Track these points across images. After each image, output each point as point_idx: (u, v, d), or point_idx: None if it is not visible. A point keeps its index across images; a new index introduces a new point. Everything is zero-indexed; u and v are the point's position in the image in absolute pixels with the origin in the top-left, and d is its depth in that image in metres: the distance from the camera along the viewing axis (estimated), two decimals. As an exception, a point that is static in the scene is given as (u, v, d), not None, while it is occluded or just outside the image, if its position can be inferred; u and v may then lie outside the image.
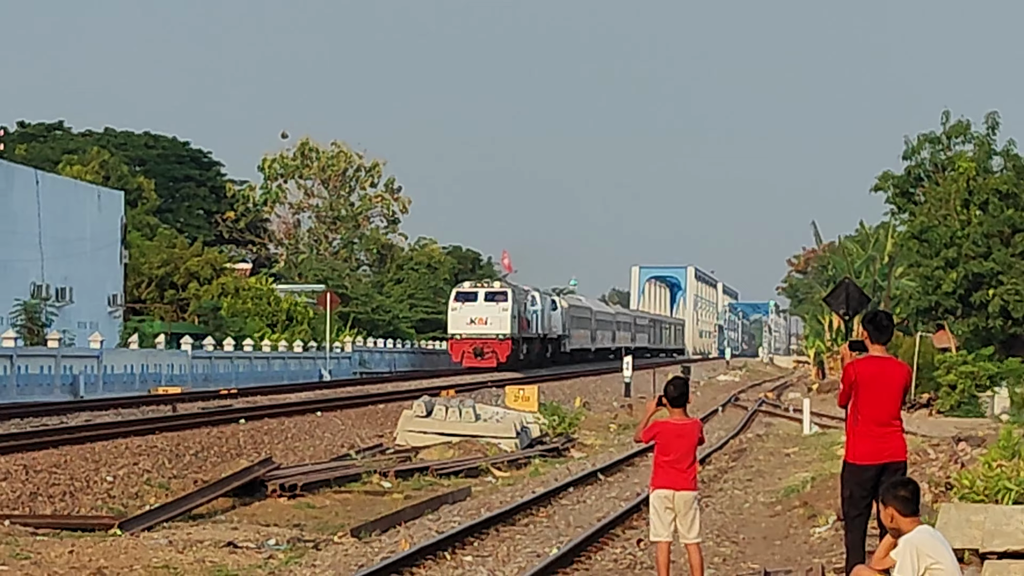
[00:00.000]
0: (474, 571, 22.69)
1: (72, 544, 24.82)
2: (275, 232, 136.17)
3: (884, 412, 17.53)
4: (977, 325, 76.14)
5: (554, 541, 25.23)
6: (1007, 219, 76.56)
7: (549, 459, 42.07)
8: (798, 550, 24.71)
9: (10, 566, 22.39)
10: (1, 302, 77.52)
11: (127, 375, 72.64)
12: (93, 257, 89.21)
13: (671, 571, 19.78)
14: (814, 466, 36.50)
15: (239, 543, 25.38)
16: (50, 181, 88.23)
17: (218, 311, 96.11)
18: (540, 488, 33.25)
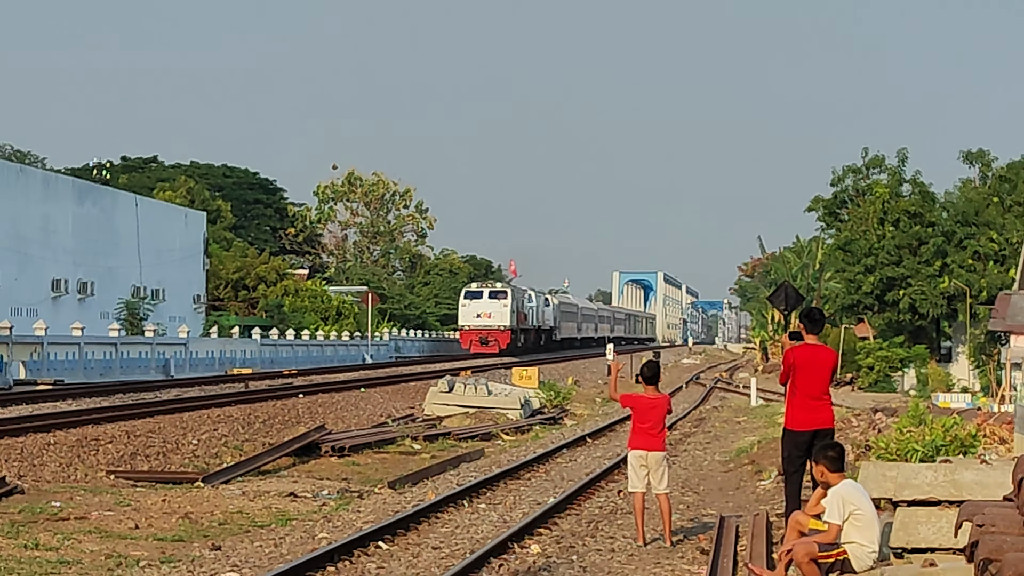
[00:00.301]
0: (487, 516, 22.73)
1: (164, 494, 24.83)
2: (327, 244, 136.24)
3: (816, 388, 17.75)
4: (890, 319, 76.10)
5: (551, 492, 25.26)
6: (914, 234, 76.61)
7: (547, 426, 42.02)
8: (747, 499, 24.77)
9: (115, 511, 22.46)
10: (108, 301, 77.58)
11: (208, 359, 72.58)
12: (181, 265, 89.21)
13: (645, 516, 19.88)
14: (759, 431, 36.51)
15: (298, 493, 25.44)
16: (147, 204, 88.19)
17: (281, 308, 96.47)
18: (540, 449, 33.26)
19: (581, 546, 19.74)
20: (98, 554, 18.68)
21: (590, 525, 21.81)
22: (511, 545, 19.20)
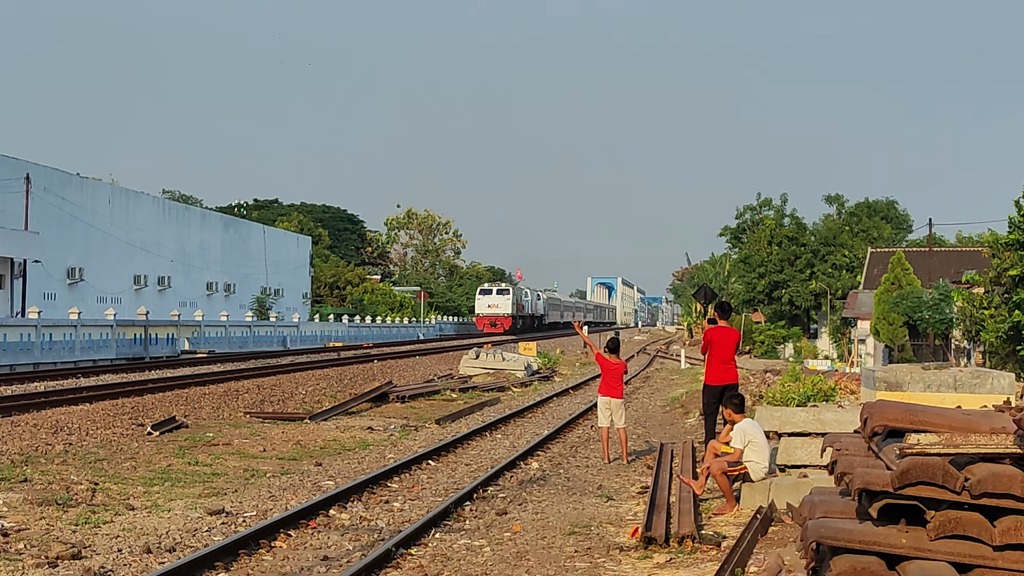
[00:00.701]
0: (502, 442, 22.77)
1: (283, 428, 24.81)
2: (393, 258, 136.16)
3: (726, 356, 17.99)
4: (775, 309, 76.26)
5: (545, 426, 25.25)
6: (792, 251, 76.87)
7: (542, 382, 41.89)
8: (678, 432, 24.78)
9: (249, 439, 22.45)
10: (245, 297, 77.90)
11: (312, 336, 72.57)
12: (294, 272, 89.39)
13: (609, 443, 19.94)
14: (687, 386, 36.47)
15: (374, 427, 25.42)
16: (271, 231, 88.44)
17: (362, 301, 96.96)
18: (537, 398, 33.26)
19: (566, 463, 19.80)
20: (238, 468, 18.73)
21: (572, 449, 21.86)
22: (518, 463, 19.33)
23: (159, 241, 68.52)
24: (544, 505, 15.41)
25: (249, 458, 20.07)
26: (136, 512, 14.37)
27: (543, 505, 15.40)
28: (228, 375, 36.74)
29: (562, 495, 16.30)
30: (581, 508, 15.21)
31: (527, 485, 17.16)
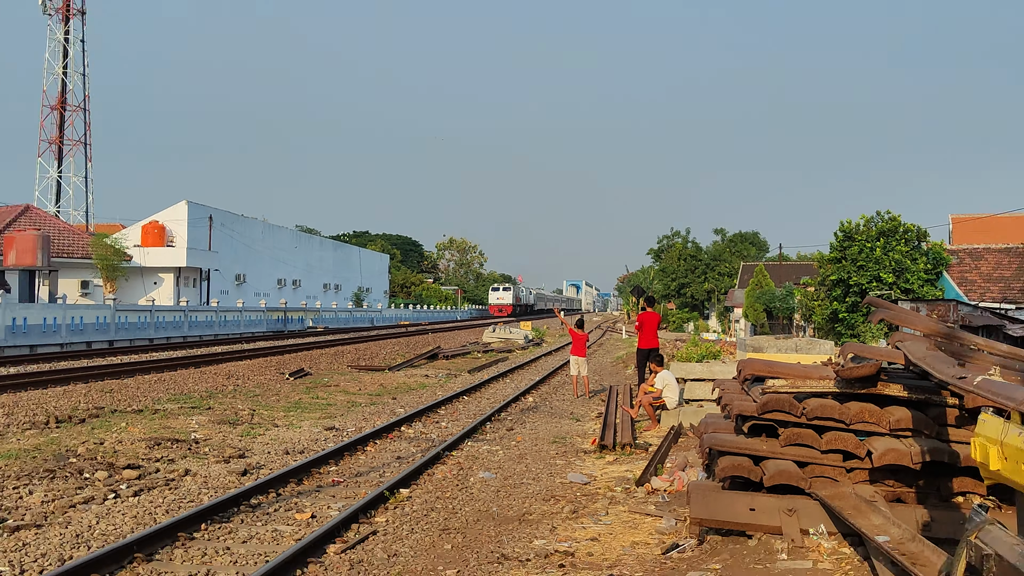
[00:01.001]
0: (510, 385, 22.76)
1: (372, 376, 24.79)
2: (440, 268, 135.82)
3: (651, 330, 17.81)
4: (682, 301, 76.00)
5: (538, 374, 25.21)
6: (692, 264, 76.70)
7: (535, 347, 41.86)
8: (621, 378, 24.73)
9: (351, 382, 22.43)
10: (347, 293, 77.78)
11: (390, 318, 72.58)
12: (378, 278, 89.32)
13: (577, 386, 19.91)
14: (626, 349, 36.41)
15: (429, 375, 25.40)
16: (364, 251, 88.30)
17: (421, 296, 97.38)
18: (532, 356, 33.17)
19: (550, 397, 19.76)
20: (343, 400, 18.73)
21: (554, 389, 21.81)
22: (520, 397, 19.28)
23: (293, 257, 68.52)
24: (536, 424, 15.43)
25: (350, 394, 20.10)
26: (279, 428, 14.43)
27: (536, 424, 15.43)
28: (336, 342, 36.74)
29: (547, 418, 16.32)
30: (559, 426, 15.23)
31: (526, 412, 17.17)
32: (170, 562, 7.01)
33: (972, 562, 3.93)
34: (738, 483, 7.60)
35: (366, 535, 7.84)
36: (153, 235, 49.98)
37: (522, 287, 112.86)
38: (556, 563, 7.04)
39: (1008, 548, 3.70)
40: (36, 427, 13.53)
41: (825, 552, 6.81)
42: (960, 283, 33.58)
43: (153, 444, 12.18)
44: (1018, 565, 3.56)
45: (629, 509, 8.82)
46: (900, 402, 7.42)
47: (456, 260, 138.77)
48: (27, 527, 7.86)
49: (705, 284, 77.10)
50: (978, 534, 3.91)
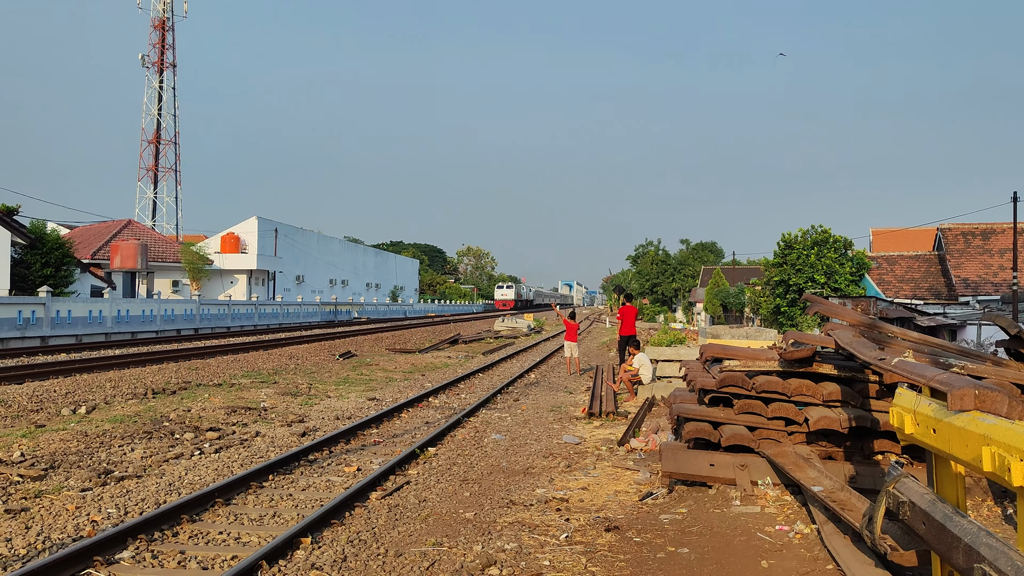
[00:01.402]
0: (516, 365, 22.69)
1: (405, 356, 24.74)
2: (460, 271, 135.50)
3: (630, 322, 17.63)
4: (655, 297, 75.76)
5: (538, 356, 25.13)
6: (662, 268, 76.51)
7: (536, 334, 41.74)
8: (606, 359, 24.65)
9: (388, 362, 22.41)
10: (385, 291, 77.67)
11: (420, 311, 72.46)
12: (411, 279, 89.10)
13: (570, 365, 19.84)
14: (609, 336, 36.33)
15: (451, 356, 25.32)
16: (399, 258, 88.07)
17: (445, 293, 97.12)
18: (533, 342, 33.07)
19: (548, 374, 19.71)
20: (382, 376, 18.70)
21: (551, 368, 21.73)
22: (524, 375, 19.22)
23: (341, 261, 68.50)
24: (537, 396, 15.39)
25: (388, 371, 20.07)
26: (331, 399, 14.42)
27: (537, 396, 15.39)
28: (377, 330, 36.69)
29: (546, 391, 16.28)
30: (556, 397, 15.20)
31: (529, 386, 17.14)
32: (244, 505, 7.01)
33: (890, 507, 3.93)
34: (700, 444, 7.59)
35: (401, 484, 7.84)
36: (230, 244, 50.09)
37: (523, 286, 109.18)
38: (554, 507, 7.03)
39: (919, 496, 3.70)
40: (136, 397, 13.56)
41: (771, 499, 6.80)
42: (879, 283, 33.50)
43: (230, 411, 12.20)
44: (927, 510, 3.56)
45: (612, 464, 8.81)
46: (831, 379, 7.40)
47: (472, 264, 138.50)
48: (130, 477, 7.88)
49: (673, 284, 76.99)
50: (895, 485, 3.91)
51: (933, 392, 3.91)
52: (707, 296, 51.18)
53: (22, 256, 29.92)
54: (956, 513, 3.39)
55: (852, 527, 5.19)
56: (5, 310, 24.20)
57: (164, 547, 5.79)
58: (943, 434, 3.60)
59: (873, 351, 5.56)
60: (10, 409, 11.77)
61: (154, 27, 63.06)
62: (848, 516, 5.30)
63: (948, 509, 3.44)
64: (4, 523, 6.29)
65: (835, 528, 5.56)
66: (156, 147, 62.89)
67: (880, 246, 47.19)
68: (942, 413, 3.63)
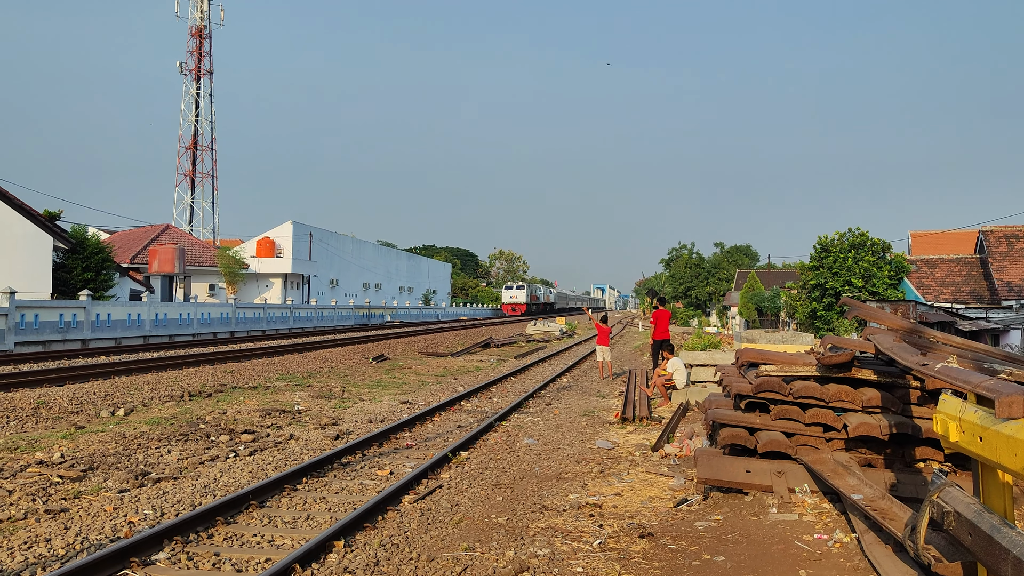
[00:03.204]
0: (548, 369, 22.60)
1: (437, 360, 24.80)
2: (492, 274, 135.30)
3: (663, 325, 17.51)
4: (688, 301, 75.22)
5: (570, 361, 25.01)
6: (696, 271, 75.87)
7: (568, 337, 41.59)
8: (639, 363, 24.46)
9: (420, 365, 22.47)
10: (417, 295, 78.01)
11: (452, 314, 72.57)
12: (443, 282, 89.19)
13: (602, 369, 19.76)
14: (643, 340, 36.08)
15: (483, 360, 25.30)
16: (431, 261, 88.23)
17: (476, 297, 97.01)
18: (566, 345, 32.90)
19: (581, 379, 19.61)
20: (415, 380, 18.76)
21: (583, 372, 21.62)
22: (556, 378, 19.13)
23: (375, 265, 68.88)
24: (570, 400, 15.32)
25: (420, 375, 20.13)
26: (364, 402, 14.48)
27: (569, 400, 15.32)
28: (410, 333, 36.82)
29: (579, 395, 16.20)
30: (589, 402, 15.11)
31: (561, 390, 17.07)
32: (278, 508, 7.05)
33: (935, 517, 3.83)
34: (736, 450, 7.48)
35: (433, 488, 7.83)
36: (265, 248, 50.65)
37: (539, 286, 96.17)
38: (587, 513, 6.97)
39: (965, 506, 3.60)
40: (173, 400, 13.74)
41: (808, 507, 6.68)
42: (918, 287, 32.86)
43: (265, 414, 12.30)
44: (974, 520, 3.45)
45: (646, 470, 8.72)
46: (871, 384, 7.25)
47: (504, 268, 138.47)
48: (166, 479, 7.97)
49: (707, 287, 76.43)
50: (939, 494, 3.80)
51: (979, 399, 3.80)
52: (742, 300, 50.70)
53: (64, 260, 30.52)
54: (1004, 524, 3.28)
55: (894, 537, 5.07)
56: (47, 313, 24.70)
57: (199, 549, 5.84)
58: (990, 442, 3.49)
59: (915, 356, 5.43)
60: (51, 411, 11.99)
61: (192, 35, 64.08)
62: (890, 525, 5.17)
63: (995, 520, 3.34)
64: (44, 523, 6.39)
65: (876, 537, 5.44)
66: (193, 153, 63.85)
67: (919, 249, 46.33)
68: (989, 420, 3.53)
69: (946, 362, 4.65)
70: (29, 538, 5.97)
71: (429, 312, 67.07)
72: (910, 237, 49.13)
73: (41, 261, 28.94)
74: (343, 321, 47.90)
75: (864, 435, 6.86)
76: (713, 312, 72.63)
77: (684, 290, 76.81)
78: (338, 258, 60.46)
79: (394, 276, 73.74)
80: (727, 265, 78.56)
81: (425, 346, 30.25)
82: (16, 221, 28.27)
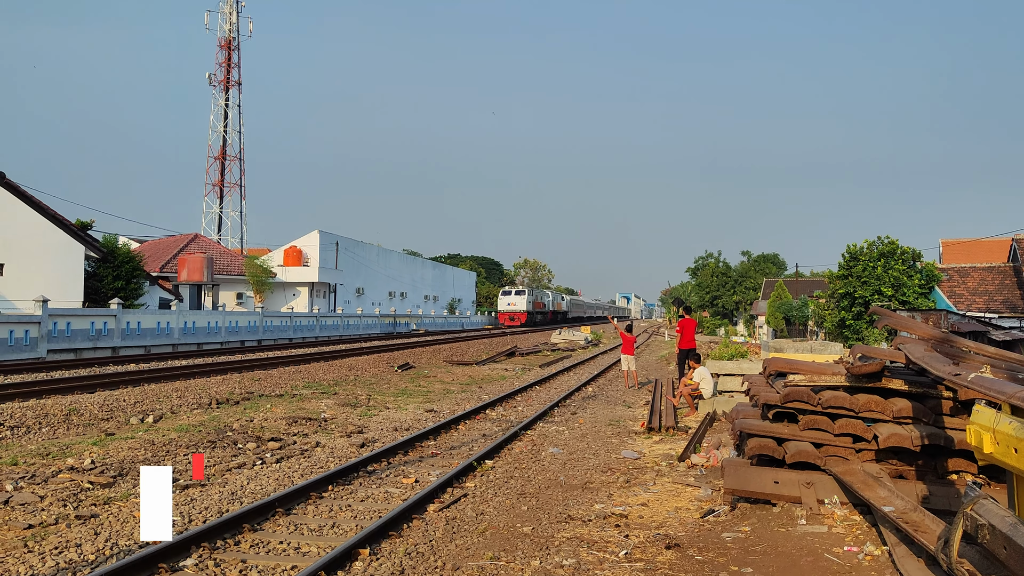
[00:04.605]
0: (573, 378, 22.51)
1: (462, 368, 24.79)
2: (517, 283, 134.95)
3: (690, 334, 17.33)
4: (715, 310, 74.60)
5: (595, 370, 24.90)
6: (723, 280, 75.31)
7: (593, 346, 41.44)
8: (664, 372, 24.31)
9: (445, 373, 22.48)
10: (443, 303, 78.01)
11: (477, 323, 72.73)
12: (468, 291, 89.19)
13: (628, 378, 19.63)
14: (668, 349, 35.86)
15: (508, 369, 25.25)
16: (456, 270, 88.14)
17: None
18: (591, 355, 32.78)
19: (606, 388, 19.52)
20: (440, 388, 18.78)
21: (609, 381, 21.52)
22: (582, 387, 19.06)
23: (400, 274, 69.17)
24: (595, 409, 15.26)
25: (445, 383, 20.15)
26: (390, 410, 14.53)
27: (594, 410, 15.26)
28: (435, 342, 36.90)
29: (604, 405, 16.14)
30: (614, 411, 15.05)
31: (586, 399, 17.00)
32: (304, 515, 7.08)
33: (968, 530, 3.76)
34: (764, 460, 7.40)
35: (459, 497, 7.83)
36: (292, 257, 51.09)
37: (546, 292, 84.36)
38: (613, 523, 6.93)
39: (1000, 519, 3.53)
40: (201, 407, 13.87)
41: (838, 519, 6.59)
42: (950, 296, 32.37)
43: (291, 421, 12.38)
44: (1009, 533, 3.38)
45: (673, 480, 8.65)
46: (902, 394, 7.15)
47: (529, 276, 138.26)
48: (194, 486, 8.04)
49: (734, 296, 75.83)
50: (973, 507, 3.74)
51: (1014, 410, 3.73)
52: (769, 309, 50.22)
53: (95, 269, 31.00)
54: (1041, 538, 3.21)
55: (926, 550, 4.98)
56: (79, 321, 25.08)
57: (226, 555, 5.88)
58: (1026, 454, 3.42)
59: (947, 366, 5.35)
60: (82, 418, 12.16)
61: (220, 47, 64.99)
62: (922, 538, 5.08)
63: (1032, 533, 3.27)
64: (75, 529, 6.48)
65: (908, 551, 5.35)
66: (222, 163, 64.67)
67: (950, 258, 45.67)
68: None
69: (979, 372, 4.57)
70: (60, 543, 6.06)
71: (454, 321, 67.16)
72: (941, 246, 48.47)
73: (73, 270, 29.42)
74: (369, 330, 48.13)
75: (895, 446, 6.77)
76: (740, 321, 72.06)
77: (711, 299, 76.31)
78: (364, 267, 60.83)
79: (419, 285, 74.00)
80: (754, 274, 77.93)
81: (450, 355, 30.29)
82: (49, 231, 28.78)
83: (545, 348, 37.34)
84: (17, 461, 8.90)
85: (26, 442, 10.29)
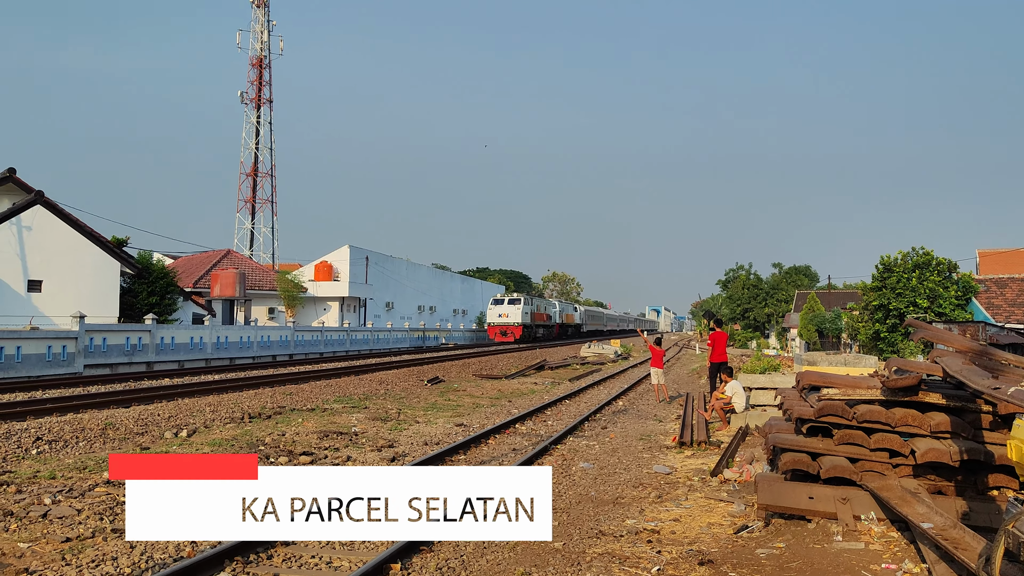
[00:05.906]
0: (603, 391, 22.39)
1: (492, 382, 24.76)
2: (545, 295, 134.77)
3: (721, 347, 17.14)
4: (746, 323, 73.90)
5: (626, 383, 24.75)
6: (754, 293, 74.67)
7: (622, 360, 41.19)
8: (696, 386, 24.11)
9: (475, 388, 22.49)
10: (471, 317, 77.99)
11: (506, 336, 72.82)
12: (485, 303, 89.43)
13: (658, 392, 19.50)
14: (700, 362, 35.54)
15: (537, 383, 25.17)
16: (484, 284, 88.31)
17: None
18: (620, 368, 32.62)
19: (637, 402, 19.40)
20: (470, 402, 18.79)
21: (639, 395, 21.37)
22: (612, 402, 18.97)
23: (429, 288, 69.46)
24: (626, 424, 15.18)
25: (475, 397, 20.17)
26: (420, 424, 14.56)
27: (625, 424, 15.17)
28: (463, 356, 36.89)
29: (635, 419, 16.04)
30: (645, 426, 14.95)
31: (617, 414, 16.91)
32: (336, 530, 7.12)
33: (1010, 548, 3.68)
34: (798, 475, 7.31)
35: (489, 512, 7.81)
36: (323, 272, 51.59)
37: (551, 301, 72.05)
38: (645, 539, 6.88)
39: (1044, 537, 3.45)
40: (234, 421, 14.02)
41: (875, 535, 6.48)
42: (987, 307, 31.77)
43: (322, 435, 12.46)
44: (1053, 552, 3.31)
45: (705, 495, 8.57)
46: (939, 408, 7.03)
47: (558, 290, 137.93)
48: (227, 499, 8.11)
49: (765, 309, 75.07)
50: (1015, 523, 3.66)
51: (1056, 424, 3.65)
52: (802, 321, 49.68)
53: (130, 285, 31.52)
54: (1086, 556, 3.14)
55: (967, 568, 4.88)
56: (115, 337, 25.50)
57: (260, 569, 5.92)
58: (1069, 470, 3.35)
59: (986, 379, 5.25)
60: (118, 432, 12.34)
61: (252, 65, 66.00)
62: (962, 556, 4.98)
63: (1077, 552, 3.19)
64: (111, 542, 6.57)
65: (948, 568, 5.24)
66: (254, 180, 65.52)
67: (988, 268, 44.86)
68: (1067, 447, 3.38)
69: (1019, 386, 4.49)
70: (96, 556, 6.15)
71: (483, 335, 67.19)
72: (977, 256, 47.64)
73: (109, 286, 29.94)
74: (398, 344, 48.33)
75: (933, 461, 6.65)
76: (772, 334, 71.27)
77: (742, 312, 75.66)
78: (393, 281, 61.17)
79: (448, 299, 74.17)
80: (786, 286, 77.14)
81: (479, 368, 30.29)
82: (86, 248, 29.34)
83: (575, 362, 37.21)
84: (55, 475, 9.06)
85: (64, 456, 10.48)
